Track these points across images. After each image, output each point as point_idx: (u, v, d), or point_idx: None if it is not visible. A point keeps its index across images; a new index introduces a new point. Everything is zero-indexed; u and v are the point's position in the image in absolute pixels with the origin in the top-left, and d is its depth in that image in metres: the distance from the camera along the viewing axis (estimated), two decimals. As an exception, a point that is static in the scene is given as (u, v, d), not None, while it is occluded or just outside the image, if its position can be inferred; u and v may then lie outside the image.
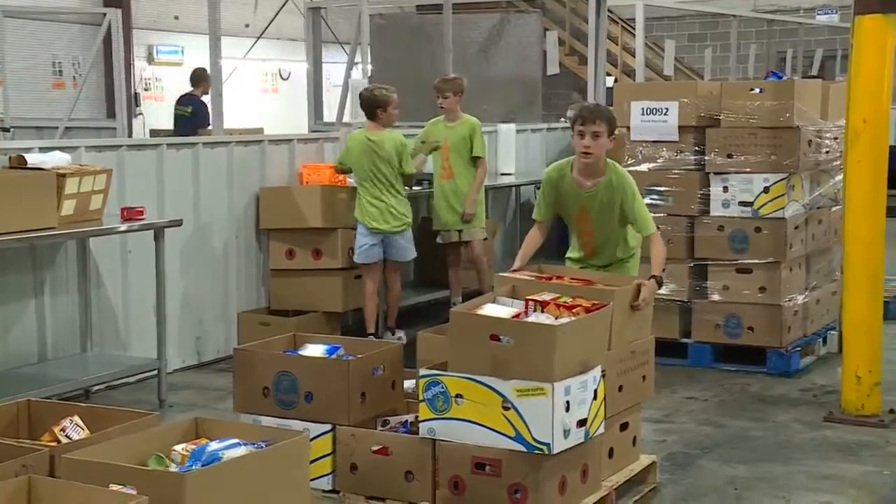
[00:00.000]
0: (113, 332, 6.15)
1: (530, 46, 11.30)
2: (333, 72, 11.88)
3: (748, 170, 6.37)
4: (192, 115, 10.22)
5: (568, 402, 3.75)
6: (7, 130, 8.66)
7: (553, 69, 9.60)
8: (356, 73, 8.93)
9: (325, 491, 4.11)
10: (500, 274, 4.51)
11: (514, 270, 4.52)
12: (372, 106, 6.61)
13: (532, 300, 4.13)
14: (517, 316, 4.03)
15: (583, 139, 4.47)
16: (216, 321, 6.76)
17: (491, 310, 4.11)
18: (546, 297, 4.17)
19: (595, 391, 3.92)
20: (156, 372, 5.81)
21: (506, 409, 3.74)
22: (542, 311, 4.08)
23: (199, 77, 10.52)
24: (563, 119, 10.43)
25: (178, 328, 6.36)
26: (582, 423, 3.84)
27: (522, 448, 3.73)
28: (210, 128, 10.25)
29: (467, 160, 7.18)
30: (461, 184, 7.17)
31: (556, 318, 3.99)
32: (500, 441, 3.76)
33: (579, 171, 4.63)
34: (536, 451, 3.72)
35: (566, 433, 3.76)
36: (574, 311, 4.05)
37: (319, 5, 10.19)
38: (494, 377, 3.77)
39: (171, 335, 6.01)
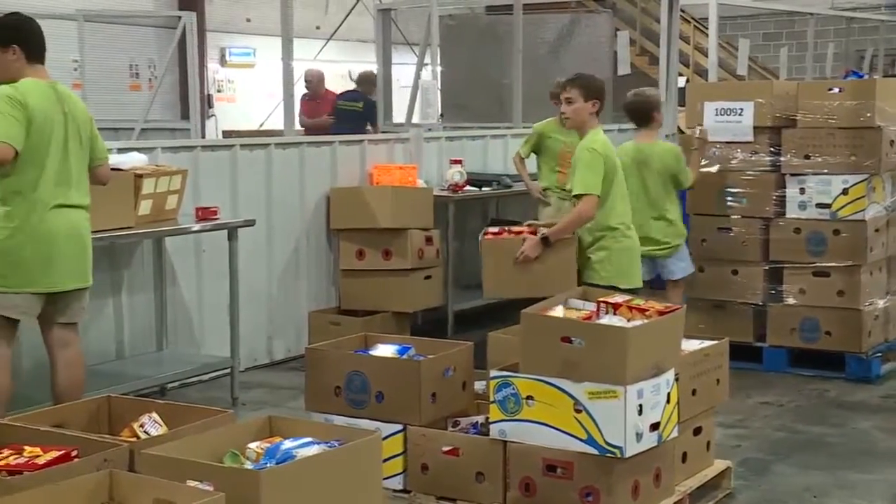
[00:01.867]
0: (187, 331, 6.24)
1: (600, 47, 11.20)
2: (403, 73, 11.92)
3: (826, 171, 6.23)
4: (364, 110, 10.42)
5: (640, 406, 3.71)
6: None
7: (624, 70, 9.49)
8: (426, 75, 8.95)
9: (395, 490, 4.12)
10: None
11: None
12: (647, 110, 5.94)
13: (604, 302, 4.10)
14: (588, 318, 4.00)
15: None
16: (287, 320, 6.82)
17: (562, 311, 4.08)
18: (618, 299, 4.13)
19: (668, 394, 3.87)
20: (229, 370, 5.88)
21: (577, 411, 3.72)
22: (615, 314, 4.04)
23: (367, 78, 10.78)
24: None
25: (250, 327, 6.42)
26: (655, 426, 3.79)
27: (594, 451, 3.70)
28: (374, 126, 10.41)
29: None
30: None
31: (628, 321, 3.95)
32: (572, 443, 3.73)
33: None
34: (608, 455, 3.68)
35: (639, 437, 3.72)
36: (647, 313, 4.00)
37: (390, 7, 10.23)
38: (565, 379, 3.74)
39: (243, 334, 6.07)
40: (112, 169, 5.41)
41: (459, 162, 7.56)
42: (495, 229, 5.41)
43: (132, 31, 13.47)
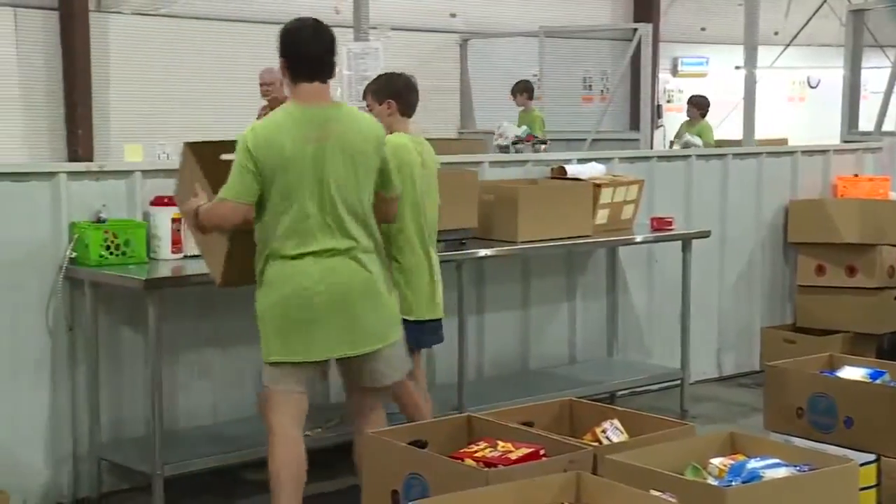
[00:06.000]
0: (637, 339, 6.26)
1: None
2: (870, 78, 11.13)
3: None
4: None
5: None
6: (545, 143, 9.27)
7: None
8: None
9: (866, 526, 3.80)
10: None
11: None
12: None
13: None
14: None
15: None
16: (738, 335, 6.62)
17: None
18: None
19: None
20: (678, 382, 5.81)
21: None
22: None
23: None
24: None
25: (699, 339, 6.28)
26: None
27: None
28: None
29: None
30: None
31: None
32: None
33: None
34: None
35: None
36: None
37: (862, 7, 9.57)
38: None
39: (693, 346, 5.95)
40: (572, 178, 5.62)
41: (941, 173, 6.91)
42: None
43: (587, 44, 13.87)
